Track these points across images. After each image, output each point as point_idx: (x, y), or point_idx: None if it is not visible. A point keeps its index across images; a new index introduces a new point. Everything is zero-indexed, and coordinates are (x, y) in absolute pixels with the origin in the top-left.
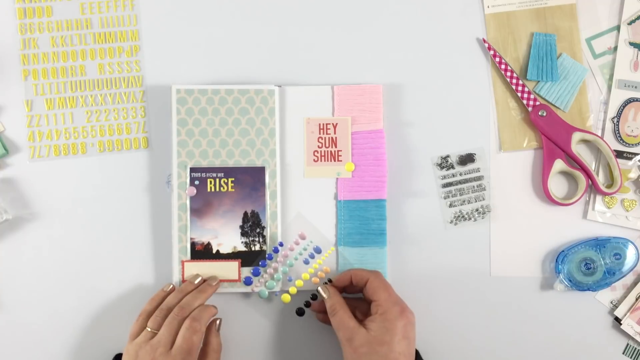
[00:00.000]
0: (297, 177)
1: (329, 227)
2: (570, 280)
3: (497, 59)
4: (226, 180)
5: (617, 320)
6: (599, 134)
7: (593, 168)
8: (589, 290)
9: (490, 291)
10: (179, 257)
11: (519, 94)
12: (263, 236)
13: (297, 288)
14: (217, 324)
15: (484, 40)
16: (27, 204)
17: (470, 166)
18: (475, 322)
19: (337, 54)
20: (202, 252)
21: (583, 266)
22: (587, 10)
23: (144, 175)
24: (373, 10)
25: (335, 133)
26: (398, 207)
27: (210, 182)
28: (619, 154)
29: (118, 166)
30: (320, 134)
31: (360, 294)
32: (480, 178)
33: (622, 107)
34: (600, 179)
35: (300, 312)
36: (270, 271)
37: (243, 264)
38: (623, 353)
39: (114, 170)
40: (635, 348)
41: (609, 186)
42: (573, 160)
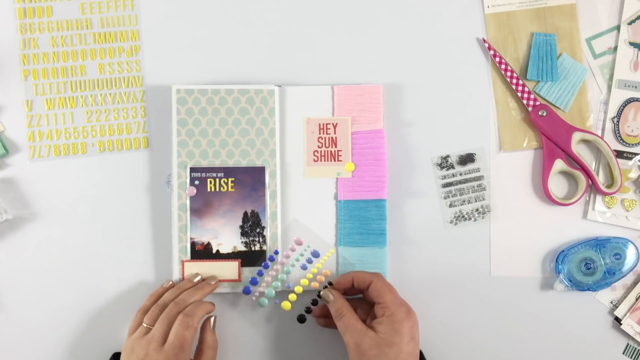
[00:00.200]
0: (297, 177)
1: (329, 227)
2: (570, 280)
3: (497, 59)
4: (226, 180)
5: (617, 320)
6: (599, 134)
7: (593, 168)
8: (589, 290)
9: (490, 291)
10: (179, 257)
11: (519, 94)
12: (263, 236)
13: (296, 294)
14: (212, 321)
15: (484, 40)
16: (27, 204)
17: (470, 166)
18: (475, 322)
19: (337, 54)
20: (202, 252)
21: (583, 266)
22: (587, 10)
23: (144, 175)
24: (373, 10)
25: (335, 133)
26: (398, 207)
27: (210, 182)
28: (619, 154)
29: (118, 166)
30: (320, 134)
31: (359, 295)
32: (480, 178)
33: (622, 107)
34: (600, 179)
35: (301, 319)
36: (268, 279)
37: (243, 264)
38: (623, 353)
39: (114, 170)
40: (635, 348)
41: (609, 186)
42: (573, 160)
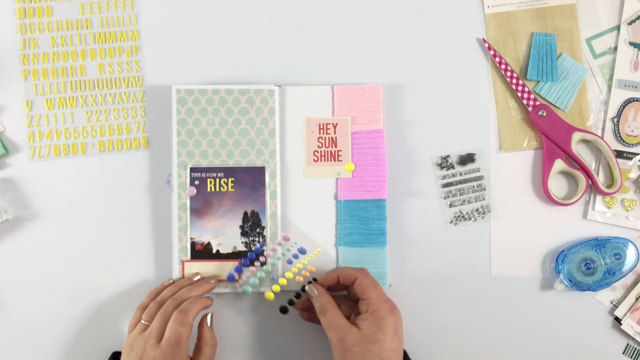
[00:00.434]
0: (297, 177)
1: (329, 227)
2: (570, 280)
3: (497, 59)
4: (226, 180)
5: (617, 320)
6: (599, 134)
7: (593, 168)
8: (589, 290)
9: (490, 291)
10: (179, 257)
11: (519, 94)
12: (263, 236)
13: (280, 286)
14: (209, 318)
15: (484, 40)
16: (27, 204)
17: (470, 166)
18: (475, 322)
19: (337, 54)
20: (202, 252)
21: (583, 266)
22: (587, 10)
23: (144, 175)
24: (373, 10)
25: (335, 133)
26: (398, 207)
27: (210, 182)
28: (619, 154)
29: (118, 166)
30: (320, 134)
31: (344, 292)
32: (480, 178)
33: (622, 107)
34: (600, 179)
35: (283, 309)
36: (253, 269)
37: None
38: (623, 353)
39: (114, 170)
40: (635, 348)
41: (609, 186)
42: (573, 160)
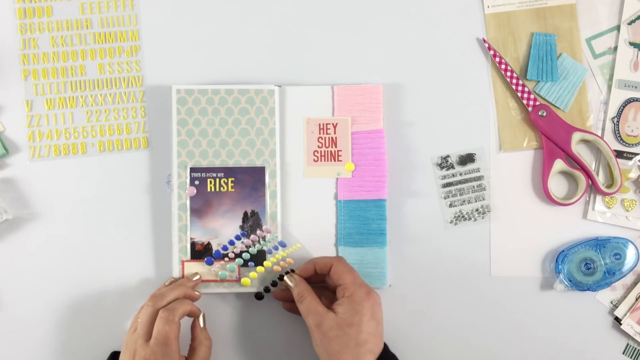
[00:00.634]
0: (297, 177)
1: (329, 227)
2: (570, 280)
3: (497, 59)
4: (226, 180)
5: (617, 320)
6: (599, 134)
7: (593, 168)
8: (589, 290)
9: (490, 291)
10: (179, 257)
11: (519, 94)
12: (263, 237)
13: (257, 273)
14: (201, 319)
15: (484, 40)
16: (27, 204)
17: (470, 166)
18: (475, 322)
19: (337, 54)
20: (202, 252)
21: (583, 266)
22: (587, 10)
23: (144, 175)
24: (373, 10)
25: (335, 133)
26: (398, 207)
27: (210, 182)
28: (619, 154)
29: (118, 166)
30: (320, 134)
31: (322, 284)
32: (480, 178)
33: (622, 107)
34: (600, 179)
35: (259, 296)
36: (232, 255)
37: (244, 263)
38: (623, 353)
39: (114, 170)
40: (635, 348)
41: (609, 186)
42: (573, 160)
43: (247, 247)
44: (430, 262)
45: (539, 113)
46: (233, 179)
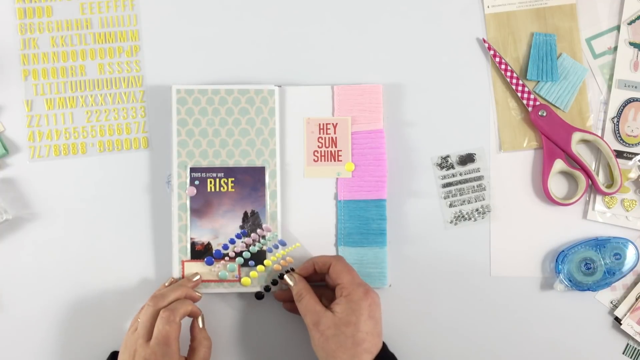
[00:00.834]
0: (297, 177)
1: (329, 227)
2: (570, 280)
3: (497, 59)
4: (226, 180)
5: (617, 320)
6: (599, 134)
7: (593, 168)
8: (589, 290)
9: (490, 291)
10: (179, 257)
11: (519, 94)
12: (263, 236)
13: (258, 273)
14: (200, 320)
15: (484, 40)
16: (27, 204)
17: (470, 166)
18: (475, 322)
19: (337, 54)
20: (202, 252)
21: (583, 266)
22: (587, 10)
23: (144, 175)
24: (373, 10)
25: (335, 133)
26: (398, 207)
27: (210, 182)
28: (619, 154)
29: (118, 166)
30: (320, 134)
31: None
32: (480, 178)
33: (622, 107)
34: (600, 179)
35: (259, 295)
36: (232, 254)
37: (244, 262)
38: (623, 353)
39: (114, 170)
40: (635, 348)
41: (609, 186)
42: (573, 160)
43: (248, 245)
44: (430, 262)
45: (539, 113)
46: (233, 179)
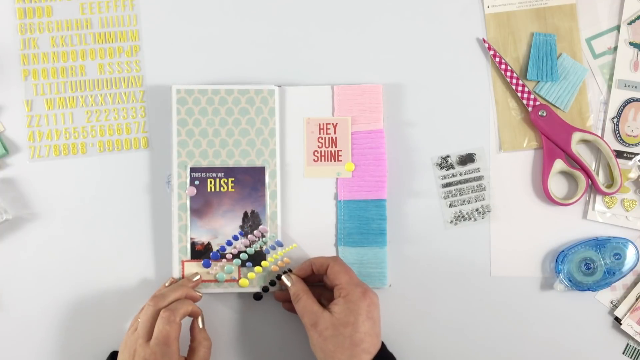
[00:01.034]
0: (297, 177)
1: (329, 227)
2: (570, 280)
3: (497, 59)
4: (226, 180)
5: (617, 320)
6: (599, 134)
7: (593, 168)
8: (589, 290)
9: (490, 291)
10: (179, 257)
11: (519, 94)
12: (263, 236)
13: (256, 274)
14: (200, 320)
15: (484, 40)
16: (27, 204)
17: (470, 166)
18: (475, 322)
19: (337, 54)
20: (202, 252)
21: (583, 266)
22: (587, 10)
23: (144, 175)
24: (373, 10)
25: (335, 133)
26: (398, 207)
27: (210, 182)
28: (619, 154)
29: (118, 166)
30: (320, 134)
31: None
32: (480, 178)
33: (622, 107)
34: (600, 179)
35: (257, 296)
36: (229, 256)
37: (242, 263)
38: (623, 353)
39: (114, 170)
40: (635, 348)
41: (609, 186)
42: (573, 160)
43: (246, 246)
44: (430, 262)
45: (539, 113)
46: (233, 179)
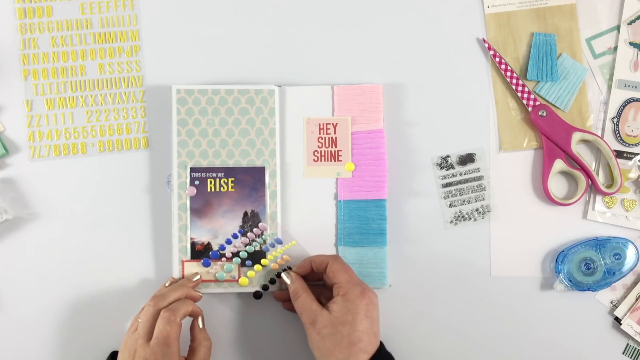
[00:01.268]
0: (297, 177)
1: (329, 227)
2: (570, 280)
3: (497, 59)
4: (226, 180)
5: (617, 320)
6: (599, 134)
7: (593, 168)
8: (589, 290)
9: (490, 291)
10: (179, 257)
11: (519, 94)
12: (259, 235)
13: (255, 272)
14: (200, 320)
15: (484, 40)
16: (27, 204)
17: (470, 166)
18: (475, 322)
19: (337, 54)
20: (202, 252)
21: (583, 266)
22: (587, 10)
23: (144, 175)
24: (373, 10)
25: (335, 133)
26: (398, 207)
27: (210, 182)
28: (619, 154)
29: (118, 166)
30: (320, 134)
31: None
32: (480, 178)
33: (622, 107)
34: (600, 179)
35: (257, 295)
36: (229, 255)
37: (242, 262)
38: (623, 353)
39: (114, 170)
40: (635, 348)
41: (609, 186)
42: (573, 160)
43: (245, 245)
44: (430, 262)
45: (539, 113)
46: (233, 179)
